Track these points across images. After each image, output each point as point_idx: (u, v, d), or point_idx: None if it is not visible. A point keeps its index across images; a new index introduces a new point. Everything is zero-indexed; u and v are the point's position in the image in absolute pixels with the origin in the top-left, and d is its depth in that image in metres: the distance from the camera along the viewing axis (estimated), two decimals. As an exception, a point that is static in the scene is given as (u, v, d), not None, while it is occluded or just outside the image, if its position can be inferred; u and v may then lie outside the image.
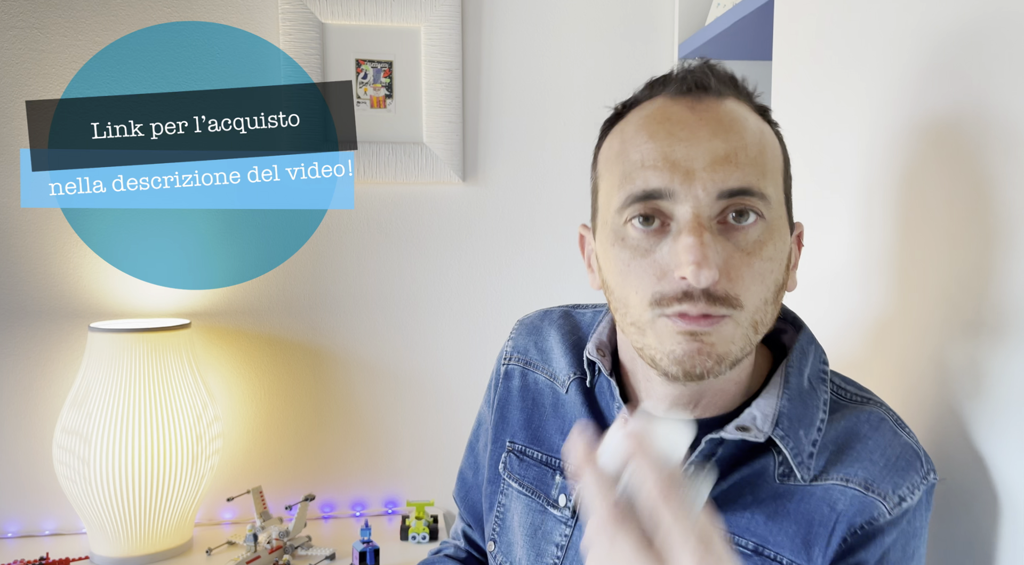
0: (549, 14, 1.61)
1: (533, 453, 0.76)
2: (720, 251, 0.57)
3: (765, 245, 0.59)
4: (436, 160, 1.56)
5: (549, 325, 0.81)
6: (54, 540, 1.46)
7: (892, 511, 0.61)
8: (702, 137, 0.58)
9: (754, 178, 0.58)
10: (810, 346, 0.68)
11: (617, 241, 0.61)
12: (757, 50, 1.48)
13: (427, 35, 1.55)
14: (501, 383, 0.82)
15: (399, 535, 1.48)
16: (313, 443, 1.58)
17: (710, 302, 0.57)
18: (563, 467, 0.73)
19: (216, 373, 1.54)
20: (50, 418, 1.46)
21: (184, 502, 1.38)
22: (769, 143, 0.62)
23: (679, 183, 0.57)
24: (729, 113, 0.60)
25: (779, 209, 0.61)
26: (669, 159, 0.58)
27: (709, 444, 0.63)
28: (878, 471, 0.62)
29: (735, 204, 0.58)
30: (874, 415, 0.66)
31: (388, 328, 1.59)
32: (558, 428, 0.75)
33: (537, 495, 0.74)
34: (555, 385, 0.77)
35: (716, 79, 0.61)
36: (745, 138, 0.59)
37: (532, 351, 0.81)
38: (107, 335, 1.33)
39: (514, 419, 0.79)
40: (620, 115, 0.66)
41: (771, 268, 0.59)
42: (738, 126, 0.59)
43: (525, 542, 0.74)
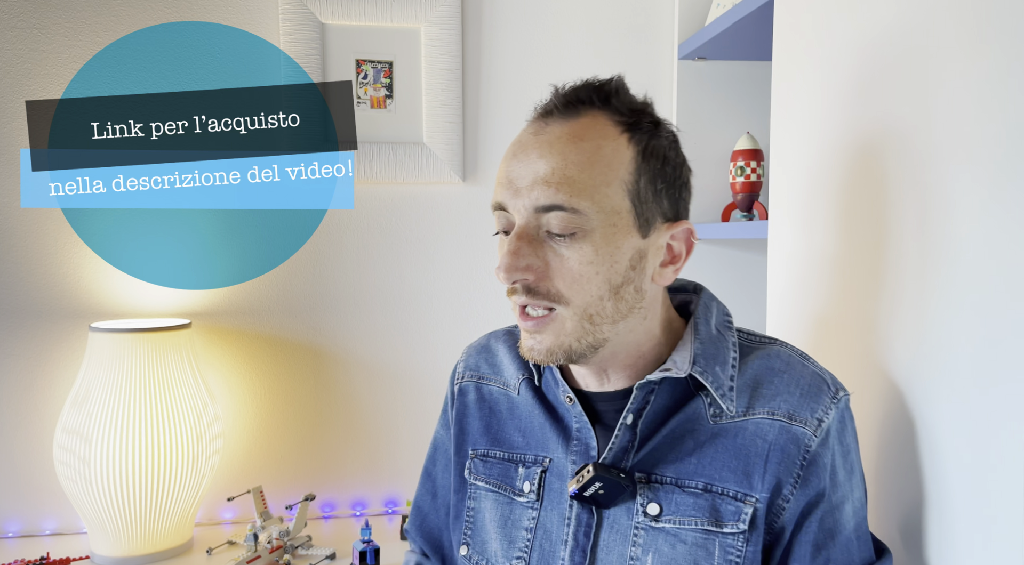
0: (549, 14, 1.61)
1: (496, 453, 0.83)
2: (538, 255, 0.68)
3: (583, 251, 0.68)
4: (436, 160, 1.56)
5: (496, 342, 0.89)
6: (54, 540, 1.46)
7: (816, 433, 0.71)
8: (532, 159, 0.68)
9: (565, 196, 0.67)
10: (712, 302, 0.78)
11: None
12: (757, 50, 1.48)
13: (427, 35, 1.55)
14: (456, 400, 0.89)
15: (399, 535, 1.48)
16: (313, 443, 1.58)
17: (530, 295, 0.69)
18: (524, 460, 0.80)
19: (216, 373, 1.54)
20: (50, 418, 1.46)
21: (184, 502, 1.38)
22: (606, 158, 0.68)
23: (511, 198, 0.69)
24: (567, 134, 0.69)
25: (606, 218, 0.68)
26: (508, 177, 0.70)
27: (641, 391, 0.72)
28: (796, 401, 0.72)
29: (553, 218, 0.67)
30: (782, 352, 0.76)
31: (388, 328, 1.59)
32: (516, 427, 0.83)
33: (503, 489, 0.81)
34: (508, 391, 0.85)
35: (574, 100, 0.70)
36: (567, 158, 0.67)
37: (484, 367, 0.88)
38: (107, 335, 1.33)
39: (474, 429, 0.86)
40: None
41: (596, 273, 0.68)
42: (568, 148, 0.68)
43: (498, 534, 0.80)
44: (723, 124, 1.61)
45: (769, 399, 0.73)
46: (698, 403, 0.73)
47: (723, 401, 0.72)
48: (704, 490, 0.71)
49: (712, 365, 0.73)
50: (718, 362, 0.73)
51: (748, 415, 0.72)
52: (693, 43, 1.52)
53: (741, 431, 0.72)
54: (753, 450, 0.71)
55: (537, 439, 0.80)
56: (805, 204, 1.03)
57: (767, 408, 0.72)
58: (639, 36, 1.64)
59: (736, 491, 0.71)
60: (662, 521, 0.71)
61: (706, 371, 0.72)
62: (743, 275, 1.65)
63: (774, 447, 0.71)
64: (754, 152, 1.44)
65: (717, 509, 0.70)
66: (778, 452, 0.70)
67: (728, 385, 0.73)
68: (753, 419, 0.72)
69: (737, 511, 0.70)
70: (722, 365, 0.73)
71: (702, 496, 0.71)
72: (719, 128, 1.61)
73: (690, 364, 0.72)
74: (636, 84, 0.71)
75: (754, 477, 0.70)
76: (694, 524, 0.71)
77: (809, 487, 0.70)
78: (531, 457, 0.80)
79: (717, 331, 0.76)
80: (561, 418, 0.78)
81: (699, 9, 1.61)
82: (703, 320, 0.76)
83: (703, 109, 1.61)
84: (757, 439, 0.71)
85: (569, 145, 0.68)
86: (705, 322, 0.76)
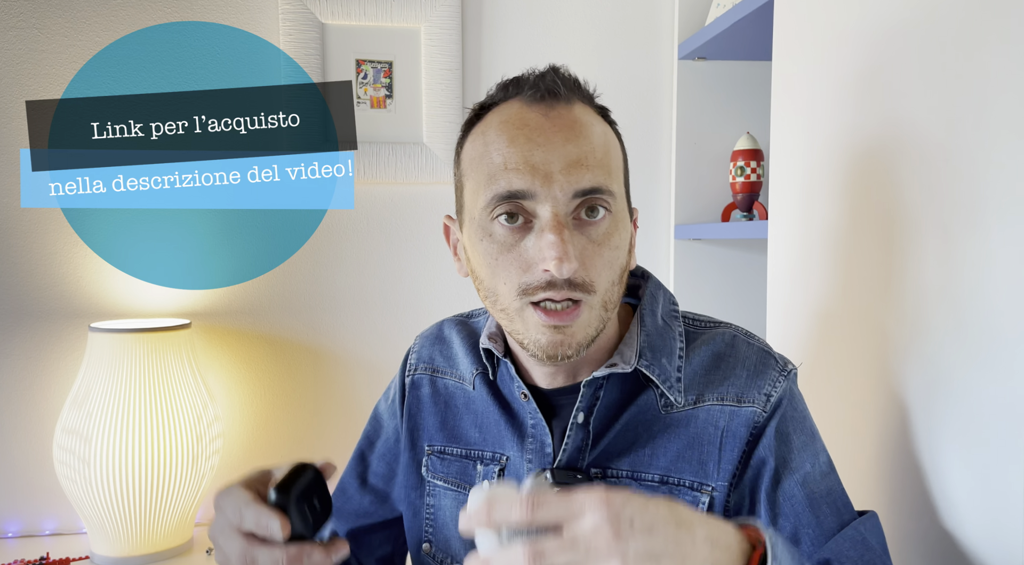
0: (549, 14, 1.61)
1: (453, 450, 0.81)
2: (576, 244, 0.65)
3: (612, 235, 0.67)
4: (436, 160, 1.56)
5: (450, 332, 0.87)
6: (54, 540, 1.46)
7: (766, 408, 0.71)
8: (557, 142, 0.66)
9: (602, 178, 0.66)
10: (658, 291, 0.78)
11: (485, 236, 0.68)
12: (757, 50, 1.48)
13: (427, 35, 1.55)
14: (409, 393, 0.86)
15: (399, 535, 1.48)
16: (314, 443, 1.58)
17: (571, 288, 0.65)
18: (482, 457, 0.79)
19: (216, 373, 1.54)
20: (50, 418, 1.46)
21: (184, 502, 1.38)
22: (612, 144, 0.70)
23: (540, 185, 0.65)
24: (578, 119, 0.68)
25: (622, 202, 0.70)
26: (529, 163, 0.65)
27: (589, 388, 0.71)
28: (743, 383, 0.72)
29: (587, 202, 0.66)
30: (726, 334, 0.76)
31: (388, 328, 1.59)
32: (472, 422, 0.81)
33: (463, 487, 0.80)
34: (464, 385, 0.83)
35: (564, 86, 0.69)
36: (593, 142, 0.67)
37: (438, 359, 0.86)
38: (107, 335, 1.33)
39: (429, 424, 0.84)
40: (479, 116, 0.73)
41: (618, 255, 0.68)
42: (587, 131, 0.67)
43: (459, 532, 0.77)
44: (723, 124, 1.61)
45: (717, 385, 0.73)
46: (649, 395, 0.73)
47: (671, 393, 0.72)
48: (661, 482, 0.71)
49: (659, 357, 0.72)
50: (664, 354, 0.73)
51: (699, 403, 0.72)
52: (693, 43, 1.52)
53: (693, 420, 0.72)
54: (706, 438, 0.71)
55: (493, 436, 0.78)
56: (805, 204, 1.03)
57: (716, 394, 0.72)
58: (639, 36, 1.64)
59: (692, 481, 0.71)
60: None
61: (652, 364, 0.72)
62: (743, 275, 1.65)
63: (726, 433, 0.71)
64: (754, 152, 1.44)
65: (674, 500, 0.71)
66: (731, 438, 0.71)
67: (676, 376, 0.73)
68: (703, 407, 0.72)
69: (694, 501, 0.70)
70: (668, 357, 0.73)
71: (659, 489, 0.71)
72: (719, 128, 1.61)
73: (636, 357, 0.71)
74: (636, 84, 0.72)
75: (709, 465, 0.71)
76: None
77: (766, 459, 0.70)
78: (488, 454, 0.78)
79: (664, 321, 0.75)
80: (516, 414, 0.77)
81: (699, 9, 1.61)
82: (649, 310, 0.75)
83: (703, 109, 1.61)
84: (709, 427, 0.71)
85: (589, 129, 0.67)
86: (651, 313, 0.75)
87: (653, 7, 1.64)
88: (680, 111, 1.61)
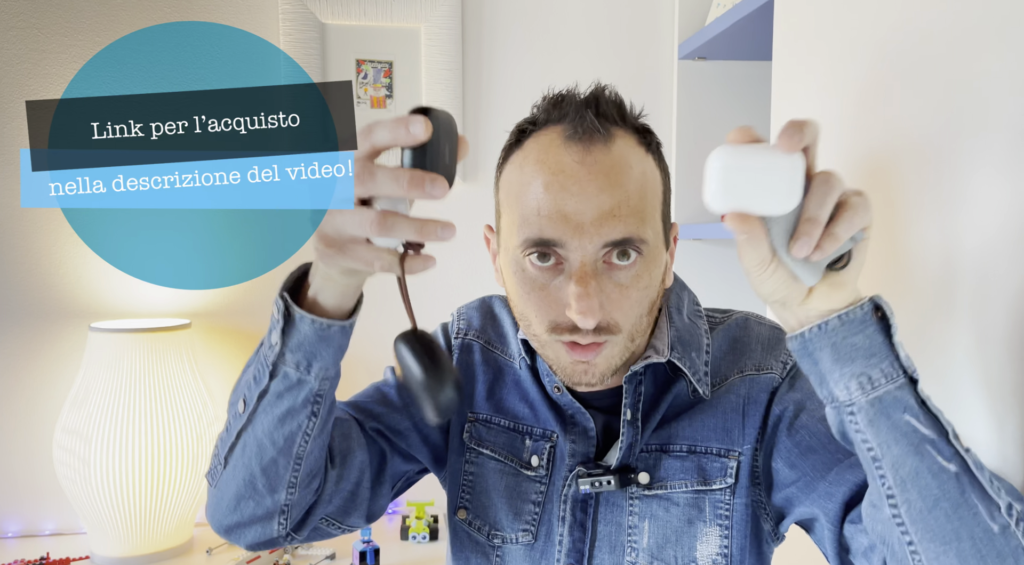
0: (549, 14, 1.61)
1: (500, 421, 0.82)
2: (602, 290, 0.66)
3: (641, 277, 0.68)
4: (436, 160, 1.56)
5: (501, 311, 0.87)
6: (54, 540, 1.46)
7: (783, 374, 0.75)
8: (591, 193, 0.65)
9: (634, 227, 0.66)
10: (683, 292, 0.80)
11: (518, 270, 0.70)
12: (757, 50, 1.48)
13: (427, 35, 1.55)
14: (459, 354, 0.86)
15: (399, 535, 1.48)
16: (313, 443, 1.58)
17: (596, 333, 0.67)
18: (532, 433, 0.80)
19: (216, 373, 1.54)
20: (50, 418, 1.46)
21: (184, 502, 1.38)
22: (650, 182, 0.69)
23: (570, 236, 0.65)
24: (616, 162, 0.66)
25: (656, 240, 0.69)
26: (562, 212, 0.65)
27: (630, 384, 0.73)
28: (760, 355, 0.76)
29: (621, 251, 0.66)
30: (739, 318, 0.80)
31: (388, 327, 1.58)
32: (520, 398, 0.82)
33: (510, 459, 0.80)
34: (512, 363, 0.84)
35: (604, 119, 0.67)
36: (628, 188, 0.66)
37: (491, 332, 0.87)
38: (107, 335, 1.33)
39: (476, 391, 0.84)
40: (519, 141, 0.73)
41: (647, 294, 0.69)
42: (623, 177, 0.66)
43: (504, 504, 0.79)
44: (723, 124, 1.61)
45: (736, 361, 0.76)
46: (681, 385, 0.76)
47: (699, 386, 0.74)
48: (689, 451, 0.74)
49: (689, 351, 0.75)
50: (693, 348, 0.76)
51: (725, 382, 0.76)
52: (693, 43, 1.52)
53: (719, 397, 0.75)
54: (729, 407, 0.74)
55: (543, 414, 0.79)
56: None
57: (737, 369, 0.76)
58: (639, 36, 1.64)
59: (719, 448, 0.74)
60: (654, 488, 0.74)
61: (684, 357, 0.74)
62: (743, 275, 1.65)
63: (748, 400, 0.74)
64: (754, 152, 1.44)
65: (703, 468, 0.74)
66: (752, 404, 0.74)
67: (704, 371, 0.75)
68: (727, 383, 0.75)
69: (723, 467, 0.73)
70: (697, 351, 0.76)
71: (688, 458, 0.74)
72: (719, 128, 1.61)
73: (669, 349, 0.73)
74: (636, 84, 0.71)
75: (734, 432, 0.74)
76: (684, 486, 0.73)
77: (785, 408, 0.72)
78: (539, 431, 0.79)
79: (690, 320, 0.78)
80: (555, 401, 0.78)
81: (699, 9, 1.61)
82: (676, 309, 0.78)
83: (703, 109, 1.61)
84: (731, 396, 0.75)
85: (623, 175, 0.66)
86: (678, 311, 0.78)
87: (653, 7, 1.64)
88: (680, 111, 1.61)
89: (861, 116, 0.90)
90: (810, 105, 1.01)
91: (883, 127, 0.85)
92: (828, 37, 0.97)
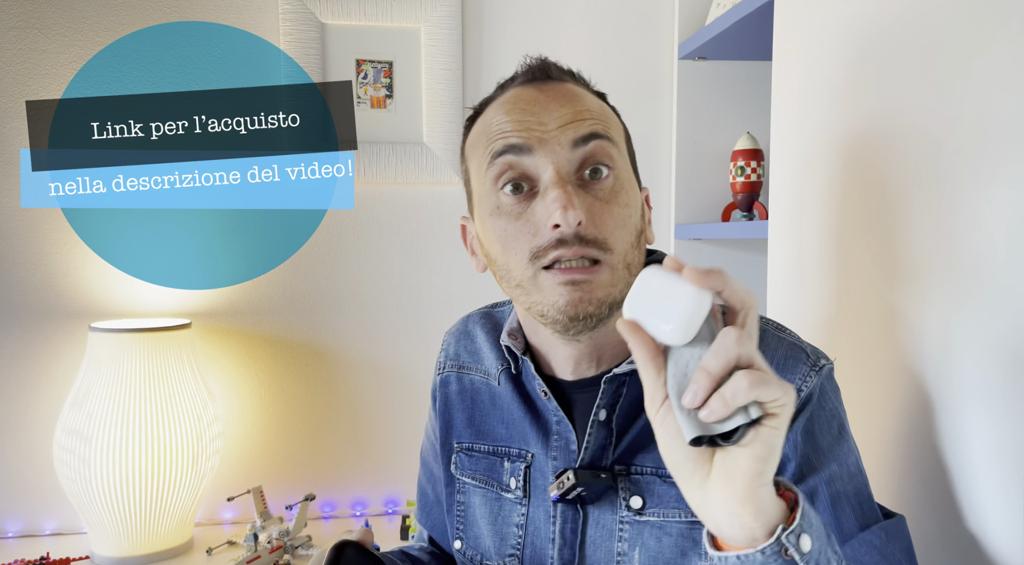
0: (549, 14, 1.61)
1: (480, 447, 0.81)
2: (582, 200, 0.65)
3: (619, 193, 0.67)
4: (436, 160, 1.56)
5: (474, 327, 0.86)
6: (54, 540, 1.46)
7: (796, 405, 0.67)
8: (552, 107, 0.67)
9: (601, 126, 0.67)
10: None
11: (493, 211, 0.69)
12: (757, 50, 1.48)
13: (427, 35, 1.55)
14: (439, 391, 0.87)
15: (399, 535, 1.48)
16: (313, 443, 1.58)
17: (583, 244, 0.64)
18: (510, 454, 0.78)
19: (216, 373, 1.54)
20: (50, 418, 1.46)
21: (184, 502, 1.38)
22: (610, 113, 0.71)
23: (536, 141, 0.66)
24: (571, 90, 0.70)
25: (626, 164, 0.70)
26: (525, 124, 0.67)
27: (610, 384, 0.70)
28: None
29: (590, 160, 0.66)
30: None
31: (388, 328, 1.59)
32: (499, 419, 0.80)
33: (491, 484, 0.79)
34: (489, 381, 0.82)
35: (556, 69, 0.72)
36: (587, 103, 0.69)
37: (464, 355, 0.86)
38: (107, 335, 1.33)
39: (458, 421, 0.84)
40: (478, 113, 0.75)
41: (629, 214, 0.67)
42: (580, 97, 0.69)
43: (489, 531, 0.79)
44: (723, 124, 1.61)
45: None
46: None
47: None
48: None
49: None
50: None
51: None
52: (693, 43, 1.52)
53: None
54: None
55: (519, 432, 0.77)
56: (806, 204, 1.03)
57: None
58: (639, 36, 1.64)
59: None
60: (646, 514, 0.70)
61: None
62: (743, 275, 1.65)
63: None
64: (754, 152, 1.44)
65: None
66: None
67: None
68: None
69: None
70: None
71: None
72: (719, 128, 1.61)
73: None
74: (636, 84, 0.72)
75: None
76: (678, 516, 0.69)
77: (789, 458, 0.67)
78: (515, 451, 0.78)
79: None
80: (540, 412, 0.76)
81: (699, 9, 1.61)
82: None
83: (703, 109, 1.61)
84: None
85: (582, 97, 0.69)
86: None
87: (653, 7, 1.64)
88: (680, 111, 1.61)
89: (861, 116, 0.90)
90: (810, 105, 1.01)
91: (883, 127, 0.85)
92: (828, 37, 0.97)
